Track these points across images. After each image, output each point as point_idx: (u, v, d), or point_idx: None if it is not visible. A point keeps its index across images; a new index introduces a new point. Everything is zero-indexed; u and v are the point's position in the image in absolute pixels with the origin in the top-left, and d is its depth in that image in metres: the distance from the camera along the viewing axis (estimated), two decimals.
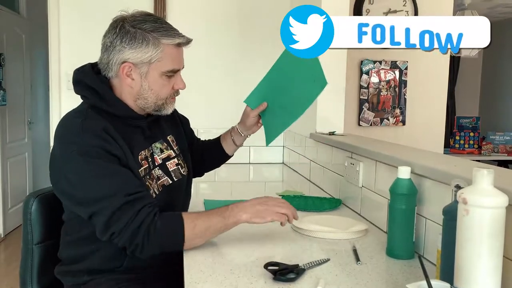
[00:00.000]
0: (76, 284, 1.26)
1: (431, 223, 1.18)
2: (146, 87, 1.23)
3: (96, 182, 1.12)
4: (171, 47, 1.22)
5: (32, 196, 1.36)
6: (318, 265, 1.12)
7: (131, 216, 1.09)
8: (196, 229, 1.15)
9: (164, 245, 1.14)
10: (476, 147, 4.51)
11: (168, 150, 1.36)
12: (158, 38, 1.19)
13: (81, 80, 1.25)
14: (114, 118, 1.22)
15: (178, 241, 1.14)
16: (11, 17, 4.36)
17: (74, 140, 1.15)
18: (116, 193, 1.10)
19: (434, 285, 0.80)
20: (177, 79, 1.28)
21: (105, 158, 1.13)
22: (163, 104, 1.28)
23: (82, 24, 2.80)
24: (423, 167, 1.21)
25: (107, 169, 1.13)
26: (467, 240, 0.82)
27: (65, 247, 1.29)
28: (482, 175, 0.81)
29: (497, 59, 5.89)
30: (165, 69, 1.23)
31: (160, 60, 1.21)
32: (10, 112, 4.30)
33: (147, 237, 1.10)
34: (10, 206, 4.30)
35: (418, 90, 3.02)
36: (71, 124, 1.20)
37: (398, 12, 2.91)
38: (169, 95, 1.28)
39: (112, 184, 1.12)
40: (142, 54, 1.19)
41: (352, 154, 1.71)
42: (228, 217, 1.18)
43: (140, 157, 1.25)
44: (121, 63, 1.21)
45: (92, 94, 1.23)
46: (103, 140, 1.14)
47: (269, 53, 2.96)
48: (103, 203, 1.10)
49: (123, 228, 1.09)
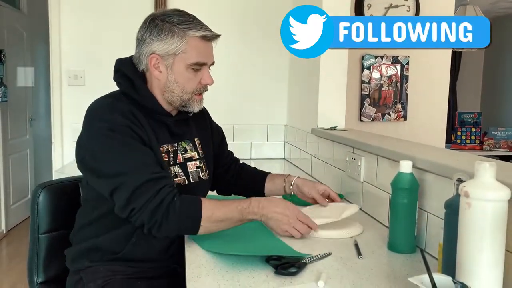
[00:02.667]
0: (77, 270, 1.29)
1: (433, 217, 1.18)
2: (172, 79, 1.25)
3: (121, 157, 1.15)
4: (197, 40, 1.23)
5: (40, 187, 1.41)
6: (319, 259, 1.12)
7: (152, 193, 1.11)
8: (213, 218, 1.15)
9: (181, 227, 1.16)
10: (477, 142, 4.50)
11: (193, 151, 1.36)
12: (184, 30, 1.22)
13: (119, 68, 1.30)
14: (142, 108, 1.25)
15: (194, 225, 1.15)
16: (12, 14, 4.36)
17: (103, 117, 1.19)
18: (139, 170, 1.13)
19: (436, 279, 0.80)
20: (204, 74, 1.27)
21: (131, 136, 1.16)
22: (189, 100, 1.28)
23: (83, 21, 2.80)
24: (425, 161, 1.21)
25: (133, 146, 1.16)
26: (469, 233, 0.82)
27: (78, 229, 1.33)
28: (485, 168, 0.81)
29: (499, 55, 5.87)
30: (190, 61, 1.23)
31: (185, 52, 1.22)
32: (11, 109, 4.30)
33: (166, 216, 1.11)
34: (12, 202, 4.31)
35: (420, 85, 3.01)
36: (101, 104, 1.25)
37: (399, 7, 2.89)
38: (195, 90, 1.28)
39: (137, 160, 1.15)
40: (168, 45, 1.22)
41: (354, 149, 1.71)
42: (247, 214, 1.18)
43: (162, 149, 1.27)
44: (149, 55, 1.24)
45: (125, 81, 1.27)
46: (131, 121, 1.18)
47: (271, 52, 2.98)
48: (126, 178, 1.12)
49: (144, 205, 1.11)
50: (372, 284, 0.99)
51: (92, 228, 1.28)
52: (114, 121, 1.17)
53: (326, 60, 2.21)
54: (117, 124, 1.17)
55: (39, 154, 4.95)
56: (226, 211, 1.17)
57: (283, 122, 3.01)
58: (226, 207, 1.18)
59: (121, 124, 1.17)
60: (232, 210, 1.18)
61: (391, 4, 2.88)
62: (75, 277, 1.29)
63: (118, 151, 1.15)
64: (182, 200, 1.14)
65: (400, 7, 2.89)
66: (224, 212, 1.17)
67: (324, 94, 2.23)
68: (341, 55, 2.23)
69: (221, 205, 1.18)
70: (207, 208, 1.15)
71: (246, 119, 2.96)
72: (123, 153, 1.15)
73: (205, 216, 1.14)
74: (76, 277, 1.28)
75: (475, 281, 0.81)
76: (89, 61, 2.81)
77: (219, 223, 1.17)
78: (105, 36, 2.78)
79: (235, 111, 2.94)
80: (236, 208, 1.18)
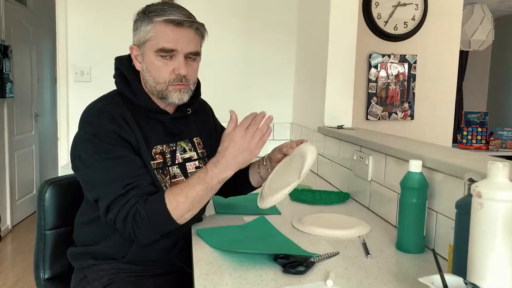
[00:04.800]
0: (81, 268, 1.29)
1: (442, 217, 1.17)
2: (144, 68, 1.24)
3: (101, 167, 1.14)
4: (162, 24, 1.19)
5: (46, 183, 1.42)
6: (327, 258, 1.11)
7: (120, 207, 1.11)
8: (180, 206, 1.11)
9: (158, 229, 1.13)
10: (483, 142, 4.47)
11: (192, 151, 1.34)
12: (151, 17, 1.20)
13: (118, 67, 1.30)
14: (137, 108, 1.24)
15: (168, 222, 1.12)
16: (18, 10, 4.37)
17: (91, 122, 1.19)
18: (116, 181, 1.12)
19: (448, 279, 0.79)
20: (176, 62, 1.21)
21: (115, 143, 1.15)
22: (165, 90, 1.23)
23: (89, 16, 2.80)
24: (435, 161, 1.20)
25: (114, 154, 1.14)
26: (481, 234, 0.81)
27: (78, 228, 1.33)
28: (498, 168, 0.80)
29: (506, 54, 5.83)
30: (156, 47, 1.19)
31: (152, 38, 1.20)
32: (17, 105, 4.31)
33: (137, 225, 1.11)
34: (17, 198, 4.33)
35: (427, 84, 2.99)
36: (92, 107, 1.24)
37: (407, 5, 2.88)
38: (168, 80, 1.22)
39: (116, 171, 1.13)
40: (139, 34, 1.22)
41: (361, 148, 1.70)
42: (211, 180, 1.13)
43: (155, 151, 1.24)
44: (131, 47, 1.26)
45: (122, 81, 1.27)
46: (118, 126, 1.17)
47: (277, 50, 2.97)
48: (105, 189, 1.13)
49: (115, 218, 1.12)
50: (381, 284, 0.98)
51: (92, 228, 1.27)
52: (100, 126, 1.16)
53: (333, 58, 2.20)
54: (103, 130, 1.16)
55: (44, 150, 4.97)
56: (189, 189, 1.12)
57: (289, 120, 3.00)
58: (188, 187, 1.13)
59: (107, 130, 1.16)
60: (194, 185, 1.13)
61: (399, 2, 2.86)
62: (80, 274, 1.29)
63: (100, 159, 1.14)
64: (145, 206, 1.11)
65: (408, 5, 2.87)
66: (188, 192, 1.12)
67: (331, 92, 2.22)
68: (349, 53, 2.22)
69: (183, 188, 1.13)
70: (170, 200, 1.11)
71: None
72: (105, 161, 1.14)
73: (172, 208, 1.11)
74: (80, 275, 1.28)
75: (487, 282, 0.80)
76: (96, 58, 2.81)
77: (191, 205, 1.13)
78: (112, 32, 2.78)
79: (241, 109, 2.91)
80: (197, 182, 1.13)
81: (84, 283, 1.26)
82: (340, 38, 2.20)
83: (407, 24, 2.89)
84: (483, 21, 3.98)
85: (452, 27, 3.00)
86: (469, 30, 3.97)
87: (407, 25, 2.89)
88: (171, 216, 1.11)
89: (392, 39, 2.90)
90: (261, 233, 1.26)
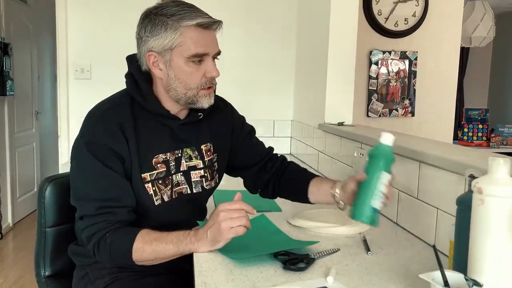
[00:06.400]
0: (83, 265, 1.29)
1: (443, 214, 1.17)
2: (172, 76, 1.17)
3: (84, 179, 1.17)
4: (192, 29, 1.13)
5: (46, 181, 1.41)
6: (328, 255, 1.11)
7: (89, 224, 1.14)
8: (144, 255, 1.11)
9: (113, 260, 1.15)
10: (484, 139, 4.46)
11: (197, 159, 1.28)
12: (177, 21, 1.13)
13: (128, 67, 1.25)
14: (145, 112, 1.21)
15: (126, 260, 1.13)
16: (18, 7, 4.36)
17: (87, 129, 1.18)
18: (91, 200, 1.14)
19: (448, 276, 0.79)
20: (207, 65, 1.17)
21: (103, 158, 1.14)
22: (195, 96, 1.19)
23: (90, 14, 2.79)
24: (436, 157, 1.20)
25: (99, 170, 1.14)
26: (482, 230, 0.81)
27: (76, 226, 1.31)
28: (498, 164, 0.80)
29: (507, 51, 5.82)
30: (188, 53, 1.14)
31: (181, 44, 1.14)
32: (18, 102, 4.31)
33: (97, 248, 1.13)
34: (18, 195, 4.34)
35: (428, 81, 2.98)
36: (97, 109, 1.22)
37: (408, 1, 2.87)
38: (200, 85, 1.18)
39: (96, 188, 1.14)
40: (162, 40, 1.14)
41: (362, 145, 1.70)
42: (184, 247, 1.10)
43: (156, 160, 1.21)
44: (146, 53, 1.17)
45: (131, 82, 1.23)
46: (112, 138, 1.15)
47: (278, 46, 2.96)
48: (80, 202, 1.17)
49: (83, 230, 1.15)
50: (382, 280, 0.98)
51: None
52: (94, 136, 1.16)
53: (334, 55, 2.20)
54: (95, 141, 1.15)
55: (45, 148, 4.97)
56: (162, 246, 1.10)
57: (290, 118, 2.99)
58: (163, 242, 1.11)
59: (98, 141, 1.15)
60: (168, 244, 1.11)
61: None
62: (82, 271, 1.29)
63: (83, 172, 1.17)
64: (113, 236, 1.11)
65: (408, 1, 2.87)
66: (158, 246, 1.10)
67: (332, 89, 2.22)
68: (349, 50, 2.21)
69: (157, 240, 1.11)
70: (138, 246, 1.10)
71: (252, 114, 2.91)
72: (85, 176, 1.16)
73: (135, 252, 1.11)
74: (82, 272, 1.28)
75: (488, 278, 0.80)
76: (96, 55, 2.81)
77: (153, 258, 1.12)
78: (112, 30, 2.78)
79: (241, 106, 2.90)
80: (173, 242, 1.11)
81: (86, 281, 1.26)
82: (340, 35, 2.19)
83: (407, 20, 2.88)
84: (484, 17, 3.97)
85: (453, 24, 3.00)
86: (470, 26, 3.96)
87: (407, 21, 2.89)
88: (131, 258, 1.12)
89: (393, 35, 2.89)
90: (261, 232, 1.26)
